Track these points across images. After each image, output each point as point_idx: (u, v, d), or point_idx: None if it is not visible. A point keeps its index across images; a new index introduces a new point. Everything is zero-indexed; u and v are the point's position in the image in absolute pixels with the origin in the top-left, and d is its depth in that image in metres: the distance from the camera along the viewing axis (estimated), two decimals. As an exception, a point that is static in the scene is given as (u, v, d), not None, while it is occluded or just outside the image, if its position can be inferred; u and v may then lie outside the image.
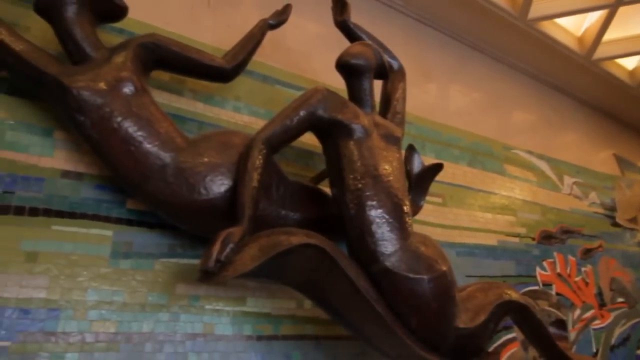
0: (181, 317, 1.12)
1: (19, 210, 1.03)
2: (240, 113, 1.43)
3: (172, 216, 1.11)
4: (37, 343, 0.96)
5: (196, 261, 1.18)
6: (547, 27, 2.39)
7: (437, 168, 1.44)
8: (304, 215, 1.21)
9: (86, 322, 1.02)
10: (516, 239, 2.09)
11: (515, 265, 2.02)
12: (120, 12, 1.16)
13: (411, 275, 1.07)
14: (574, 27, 2.54)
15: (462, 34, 2.34)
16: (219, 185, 1.06)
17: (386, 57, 1.37)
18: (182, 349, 1.10)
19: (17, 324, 0.95)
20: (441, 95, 2.17)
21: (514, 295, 1.29)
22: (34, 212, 1.04)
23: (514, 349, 1.81)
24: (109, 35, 1.25)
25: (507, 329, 1.80)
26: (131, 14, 1.19)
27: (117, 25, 1.24)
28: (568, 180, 2.57)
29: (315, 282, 1.05)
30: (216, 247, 0.88)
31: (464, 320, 1.14)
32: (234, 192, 1.05)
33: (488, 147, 2.21)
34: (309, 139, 1.37)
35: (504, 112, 2.47)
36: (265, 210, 1.13)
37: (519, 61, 2.60)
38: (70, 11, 1.07)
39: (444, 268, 1.12)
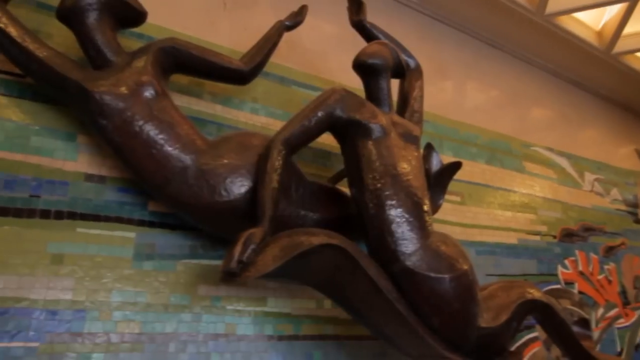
0: (203, 317, 1.13)
1: (45, 214, 1.05)
2: (258, 114, 1.44)
3: (193, 217, 1.12)
4: (65, 344, 0.98)
5: (217, 262, 1.19)
6: (565, 21, 2.34)
7: (456, 166, 1.42)
8: (323, 216, 1.21)
9: (111, 323, 1.04)
10: (537, 237, 2.06)
11: (537, 263, 1.98)
12: (139, 17, 1.17)
13: (432, 275, 1.06)
14: (593, 21, 2.48)
15: (478, 30, 2.30)
16: (239, 187, 1.07)
17: (403, 56, 1.37)
18: (205, 349, 1.11)
19: (45, 325, 0.97)
20: (457, 92, 2.15)
21: (536, 294, 1.27)
22: (59, 215, 1.06)
23: (536, 348, 1.78)
24: (128, 40, 1.27)
25: (529, 328, 1.77)
26: (150, 19, 1.20)
27: (137, 30, 1.25)
28: (589, 177, 2.52)
29: (336, 282, 1.05)
30: (238, 248, 0.88)
31: (486, 320, 1.13)
32: (254, 193, 1.06)
33: (506, 144, 2.17)
34: (326, 139, 1.37)
35: (522, 109, 2.43)
36: (285, 210, 1.13)
37: (537, 57, 2.55)
38: (92, 17, 1.09)
39: (465, 267, 1.10)
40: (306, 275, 1.04)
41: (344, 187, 1.32)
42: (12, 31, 1.01)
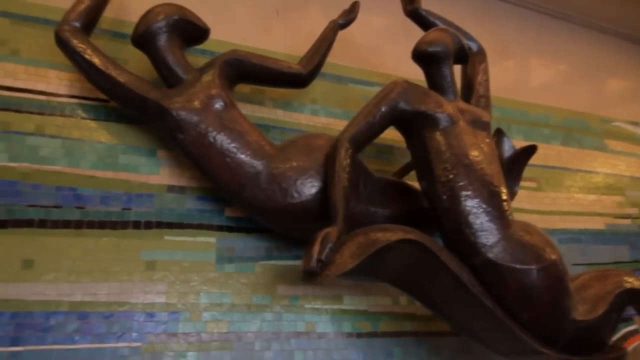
0: (284, 316, 1.17)
1: (136, 225, 1.14)
2: (318, 115, 1.46)
3: (268, 220, 1.16)
4: (163, 343, 1.06)
5: (292, 262, 1.22)
6: (642, -21, 2.11)
7: (531, 150, 1.33)
8: (394, 211, 1.20)
9: (201, 323, 1.10)
10: (627, 221, 1.87)
11: (629, 249, 1.80)
12: (203, 34, 1.24)
13: (518, 266, 1.00)
14: (676, -26, 2.20)
15: (540, 3, 2.14)
16: (310, 188, 1.09)
17: (465, 40, 1.31)
18: (288, 347, 1.14)
19: (145, 327, 1.06)
20: (522, 71, 2.02)
21: (635, 282, 1.16)
22: (148, 225, 1.15)
23: (637, 342, 1.62)
24: (194, 57, 1.34)
25: (626, 320, 1.62)
26: (211, 35, 1.26)
27: (200, 46, 1.32)
28: (683, 149, 2.24)
29: (415, 277, 1.03)
30: (316, 248, 0.90)
31: (581, 312, 1.06)
32: (324, 193, 1.07)
33: (583, 121, 2.00)
34: (387, 134, 1.35)
35: (598, 82, 2.22)
36: (355, 208, 1.13)
37: (610, 24, 2.32)
38: (162, 40, 1.16)
39: (554, 257, 1.04)
40: (384, 272, 1.03)
41: (409, 181, 1.30)
42: (97, 61, 1.12)
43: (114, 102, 1.19)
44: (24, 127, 1.13)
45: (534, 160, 1.42)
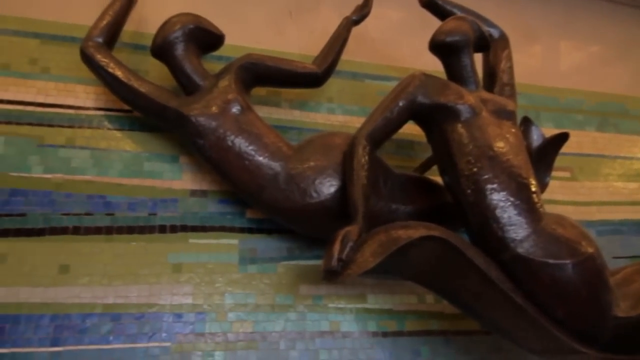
0: (307, 316, 1.17)
1: (162, 229, 1.18)
2: (335, 114, 1.45)
3: (288, 221, 1.17)
4: (191, 343, 1.08)
5: (314, 262, 1.22)
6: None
7: (562, 138, 1.26)
8: (416, 207, 1.17)
9: (227, 324, 1.12)
10: (674, 209, 1.74)
11: (676, 240, 1.68)
12: (218, 41, 1.26)
13: (551, 261, 0.95)
14: None
15: (567, -19, 2.04)
16: (328, 187, 1.09)
17: (485, 27, 1.26)
18: (313, 346, 1.14)
19: (173, 327, 1.09)
20: (550, 55, 1.92)
21: (684, 276, 1.07)
22: (173, 229, 1.18)
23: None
24: (210, 64, 1.37)
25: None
26: (226, 40, 1.28)
27: (216, 53, 1.34)
28: None
29: (441, 275, 1.00)
30: (336, 247, 0.89)
31: (623, 309, 0.99)
32: (343, 192, 1.06)
33: (620, 105, 1.87)
34: (406, 128, 1.32)
35: (635, 61, 2.07)
36: (376, 206, 1.12)
37: (646, -3, 2.17)
38: (180, 49, 1.20)
39: (591, 250, 0.97)
40: (407, 270, 1.01)
41: (431, 176, 1.26)
42: (119, 74, 1.16)
43: (137, 112, 1.24)
44: (56, 140, 1.19)
45: (566, 148, 1.35)
